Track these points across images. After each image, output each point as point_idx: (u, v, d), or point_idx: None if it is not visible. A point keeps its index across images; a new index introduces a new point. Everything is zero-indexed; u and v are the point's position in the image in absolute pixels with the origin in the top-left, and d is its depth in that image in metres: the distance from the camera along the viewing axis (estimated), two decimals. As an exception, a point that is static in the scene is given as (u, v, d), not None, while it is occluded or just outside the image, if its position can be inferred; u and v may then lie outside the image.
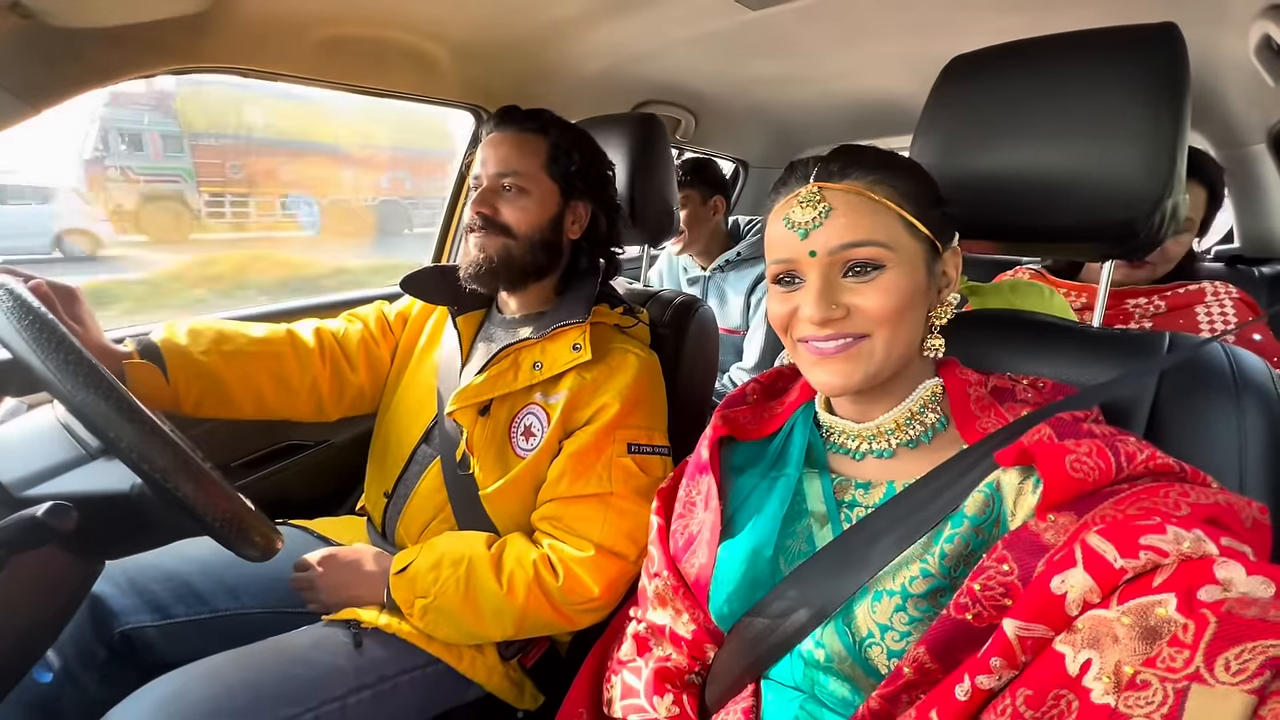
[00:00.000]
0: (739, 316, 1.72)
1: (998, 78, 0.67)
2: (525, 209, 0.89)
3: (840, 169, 0.57)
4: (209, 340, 0.86)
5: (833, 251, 0.55)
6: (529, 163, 0.90)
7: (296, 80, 1.09)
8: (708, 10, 1.10)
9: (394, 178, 6.87)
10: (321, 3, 0.96)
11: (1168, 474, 0.47)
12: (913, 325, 0.57)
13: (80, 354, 0.53)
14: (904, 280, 0.55)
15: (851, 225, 0.55)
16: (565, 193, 0.92)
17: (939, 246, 0.59)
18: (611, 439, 0.83)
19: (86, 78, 0.82)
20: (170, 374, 0.81)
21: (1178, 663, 0.33)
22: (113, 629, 0.82)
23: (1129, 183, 0.59)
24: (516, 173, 0.89)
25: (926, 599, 0.50)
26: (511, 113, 0.93)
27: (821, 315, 0.55)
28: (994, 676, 0.41)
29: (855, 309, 0.55)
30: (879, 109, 1.73)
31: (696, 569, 0.63)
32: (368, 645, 0.77)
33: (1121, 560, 0.39)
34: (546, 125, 0.92)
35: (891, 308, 0.54)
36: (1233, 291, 1.05)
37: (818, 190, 0.56)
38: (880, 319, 0.55)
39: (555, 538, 0.81)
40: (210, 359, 0.85)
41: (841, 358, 0.56)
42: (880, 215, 0.55)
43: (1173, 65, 0.58)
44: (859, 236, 0.54)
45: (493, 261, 0.88)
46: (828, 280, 0.55)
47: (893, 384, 0.60)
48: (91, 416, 0.52)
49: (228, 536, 0.59)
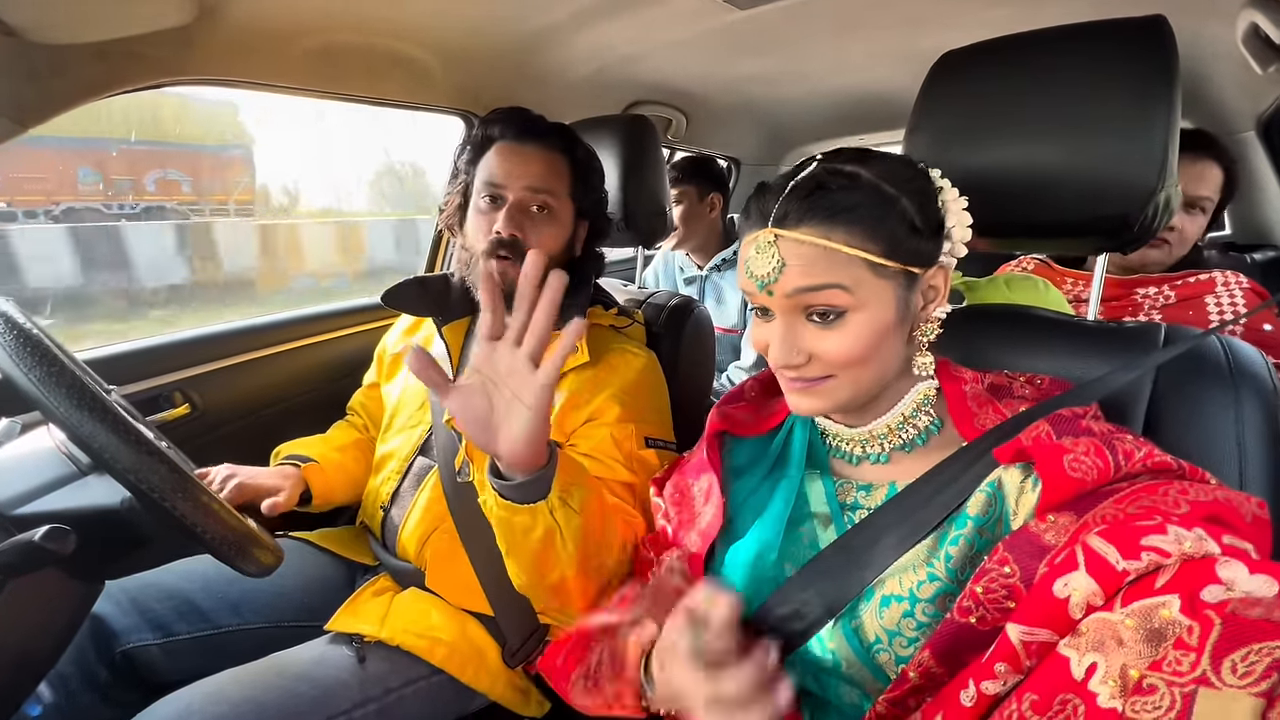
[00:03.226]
0: (736, 315, 1.72)
1: (988, 73, 0.67)
2: (551, 235, 0.87)
3: (796, 216, 0.53)
4: (325, 446, 1.02)
5: (789, 295, 0.54)
6: (557, 184, 0.87)
7: (285, 90, 1.08)
8: (696, 11, 1.10)
9: (164, 179, 4.97)
10: (309, 12, 0.96)
11: (1166, 471, 0.46)
12: (884, 359, 0.56)
13: (71, 374, 0.53)
14: (867, 322, 0.53)
15: (805, 272, 0.53)
16: (578, 214, 0.91)
17: (917, 271, 0.56)
18: (629, 433, 0.81)
19: (72, 94, 0.82)
20: (326, 468, 0.97)
21: (1184, 666, 0.33)
22: (114, 649, 0.81)
23: (1122, 176, 0.59)
24: (548, 192, 0.86)
25: (934, 603, 0.50)
26: (532, 123, 0.89)
27: (782, 361, 0.55)
28: (999, 682, 0.41)
29: (817, 355, 0.55)
30: (870, 104, 1.73)
31: (689, 556, 0.63)
32: (371, 659, 0.77)
33: (1124, 562, 0.39)
34: (572, 144, 0.90)
35: (854, 352, 0.54)
36: (1243, 281, 1.04)
37: (773, 238, 0.54)
38: (842, 363, 0.54)
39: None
40: (336, 455, 1.01)
41: (809, 393, 0.57)
42: (835, 261, 0.52)
43: (1162, 58, 0.58)
44: (813, 282, 0.53)
45: (504, 290, 0.86)
46: (790, 324, 0.55)
47: (882, 396, 0.60)
48: (85, 437, 0.52)
49: (227, 553, 0.59)
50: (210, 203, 5.49)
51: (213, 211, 5.52)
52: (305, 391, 1.29)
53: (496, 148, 0.89)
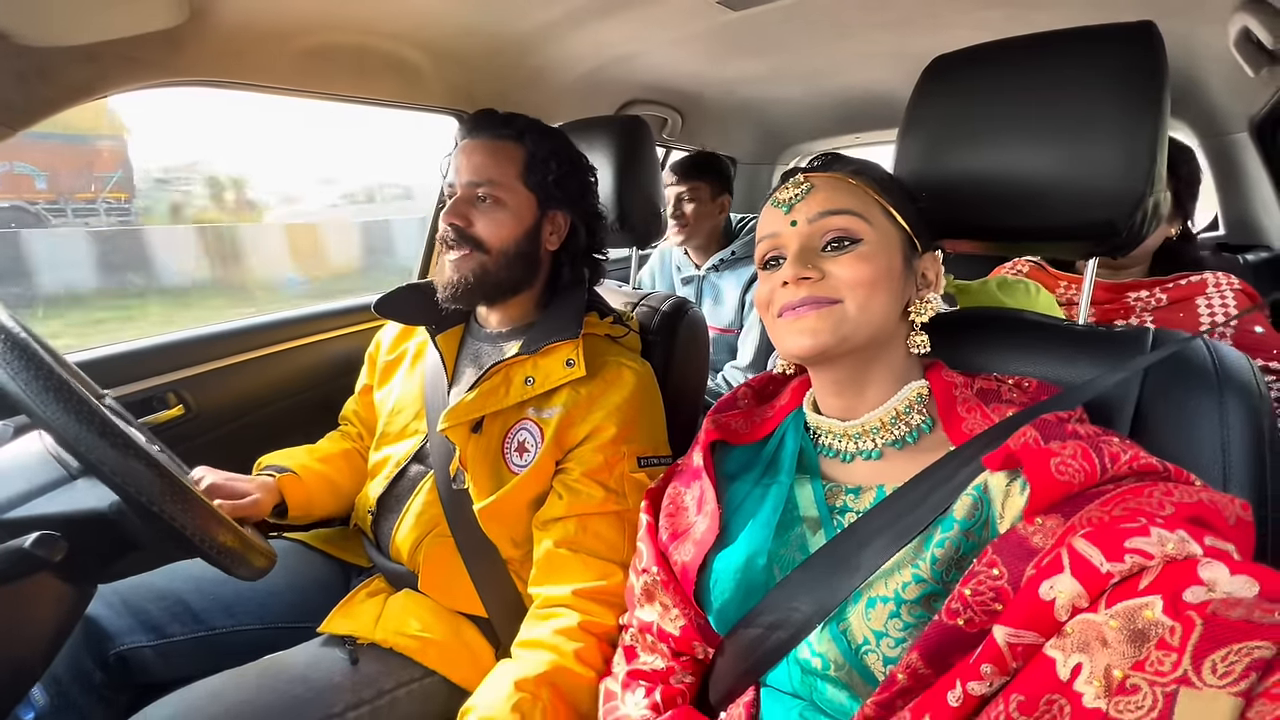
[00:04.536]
0: (733, 315, 1.72)
1: (979, 78, 0.68)
2: (500, 222, 0.86)
3: (824, 163, 0.64)
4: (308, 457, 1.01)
5: (812, 219, 0.60)
6: (504, 171, 0.87)
7: (276, 91, 1.08)
8: (690, 12, 1.10)
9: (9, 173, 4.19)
10: (301, 12, 0.95)
11: (1152, 473, 0.47)
12: (886, 303, 0.59)
13: (59, 378, 0.52)
14: (879, 255, 0.58)
15: (830, 198, 0.60)
16: (543, 202, 0.89)
17: (917, 244, 0.62)
18: (621, 455, 0.82)
19: (60, 97, 0.81)
20: (304, 479, 0.95)
21: (1166, 666, 0.34)
22: (108, 650, 0.81)
23: (1110, 181, 0.60)
24: (491, 182, 0.86)
25: (920, 604, 0.51)
26: (486, 118, 0.90)
27: (796, 272, 0.58)
28: (985, 683, 0.42)
29: (830, 274, 0.58)
30: (864, 104, 1.73)
31: (681, 565, 0.63)
32: (364, 661, 0.77)
33: (1108, 564, 0.39)
34: (522, 131, 0.89)
35: (865, 276, 0.57)
36: (1234, 282, 1.04)
37: (803, 176, 0.62)
38: (853, 285, 0.57)
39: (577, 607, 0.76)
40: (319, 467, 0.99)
41: (814, 315, 0.57)
42: (858, 194, 0.60)
43: (1151, 64, 0.59)
44: (836, 205, 0.59)
45: (468, 281, 0.86)
46: (806, 247, 0.59)
47: (877, 377, 0.61)
48: (73, 442, 0.51)
49: (219, 559, 0.59)
50: (75, 202, 4.79)
51: (77, 212, 4.83)
52: (301, 392, 1.29)
53: (457, 149, 0.90)
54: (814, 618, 0.54)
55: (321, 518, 1.00)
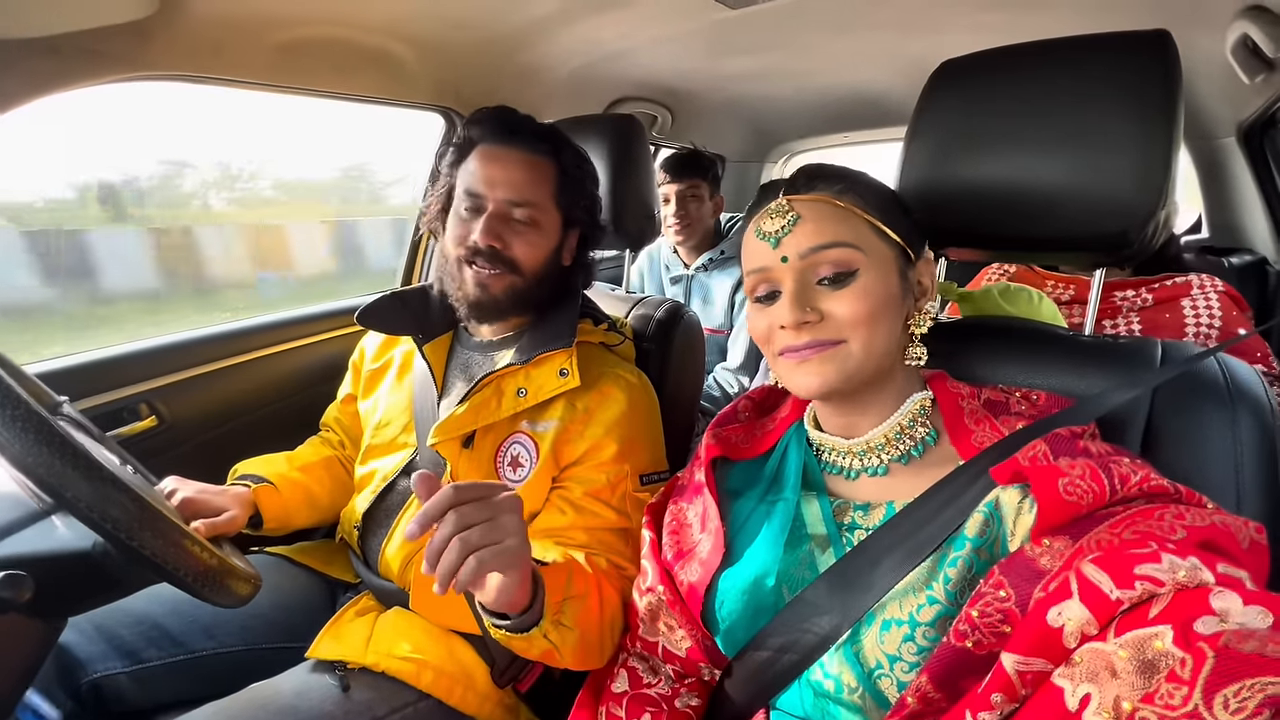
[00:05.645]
0: (723, 316, 1.71)
1: (988, 85, 0.66)
2: (534, 244, 0.83)
3: (806, 182, 0.59)
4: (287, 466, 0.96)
5: (804, 255, 0.56)
6: (540, 192, 0.83)
7: (252, 87, 1.03)
8: (685, 8, 1.07)
9: None
10: (278, 4, 0.91)
11: (1162, 495, 0.46)
12: (889, 331, 0.57)
13: (27, 407, 0.48)
14: (877, 284, 0.56)
15: (819, 230, 0.56)
16: (566, 222, 0.87)
17: (911, 254, 0.60)
18: (624, 475, 0.80)
19: (20, 90, 0.76)
20: (281, 490, 0.90)
21: (1176, 700, 0.33)
22: (79, 679, 0.77)
23: (1124, 192, 0.59)
24: (530, 203, 0.82)
25: (935, 627, 0.50)
26: (518, 124, 0.85)
27: (795, 318, 0.55)
28: (995, 713, 0.41)
29: (830, 315, 0.56)
30: (856, 103, 1.73)
31: (688, 585, 0.61)
32: (355, 687, 0.74)
33: (1117, 591, 0.38)
34: (560, 148, 0.86)
35: (866, 312, 0.55)
36: (1218, 285, 1.06)
37: (786, 202, 0.58)
38: (855, 323, 0.55)
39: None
40: (297, 476, 0.95)
41: (818, 359, 0.56)
42: (848, 220, 0.57)
43: (1165, 74, 0.58)
44: (827, 239, 0.56)
45: (499, 301, 0.83)
46: (802, 285, 0.56)
47: (879, 396, 0.60)
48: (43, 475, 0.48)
49: (200, 589, 0.56)
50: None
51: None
52: (280, 400, 1.24)
53: (478, 151, 0.85)
54: (827, 640, 0.53)
55: (300, 527, 0.95)
